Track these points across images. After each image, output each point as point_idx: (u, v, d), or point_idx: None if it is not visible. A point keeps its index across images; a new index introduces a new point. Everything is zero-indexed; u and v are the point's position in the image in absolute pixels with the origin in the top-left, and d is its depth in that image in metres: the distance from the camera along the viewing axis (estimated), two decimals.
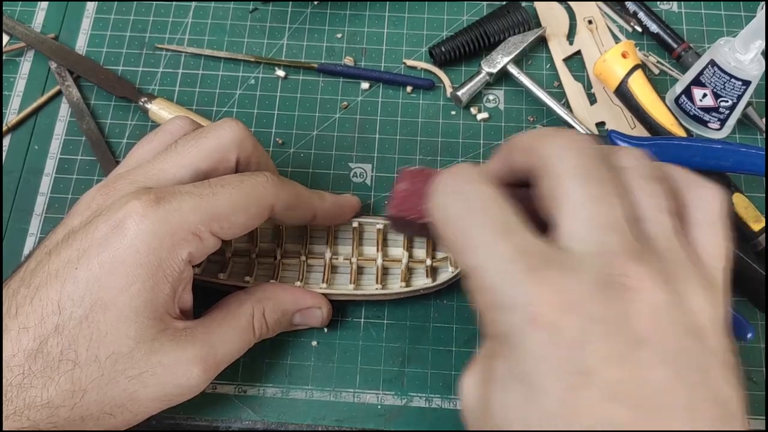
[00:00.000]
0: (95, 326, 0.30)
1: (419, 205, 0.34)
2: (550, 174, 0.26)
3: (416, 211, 0.34)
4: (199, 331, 0.34)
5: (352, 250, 0.41)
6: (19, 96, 0.48)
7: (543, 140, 0.28)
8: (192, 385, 0.33)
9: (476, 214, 0.26)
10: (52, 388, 0.30)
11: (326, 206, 0.39)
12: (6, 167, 0.46)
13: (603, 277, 0.23)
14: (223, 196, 0.33)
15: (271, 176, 0.35)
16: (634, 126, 0.46)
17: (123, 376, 0.31)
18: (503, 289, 0.24)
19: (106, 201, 0.33)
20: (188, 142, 0.35)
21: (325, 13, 0.51)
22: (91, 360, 0.30)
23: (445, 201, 0.27)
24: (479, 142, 0.46)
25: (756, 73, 0.42)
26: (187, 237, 0.32)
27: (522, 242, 0.25)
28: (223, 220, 0.33)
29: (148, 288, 0.31)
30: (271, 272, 0.41)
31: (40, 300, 0.31)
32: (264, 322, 0.37)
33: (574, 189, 0.25)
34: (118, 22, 0.50)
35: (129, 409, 0.32)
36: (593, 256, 0.24)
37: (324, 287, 0.40)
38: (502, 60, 0.47)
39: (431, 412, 0.39)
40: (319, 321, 0.39)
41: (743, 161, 0.41)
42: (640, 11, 0.49)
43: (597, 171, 0.26)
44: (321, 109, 0.48)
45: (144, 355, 0.31)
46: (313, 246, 0.42)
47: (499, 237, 0.25)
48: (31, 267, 0.32)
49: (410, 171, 0.35)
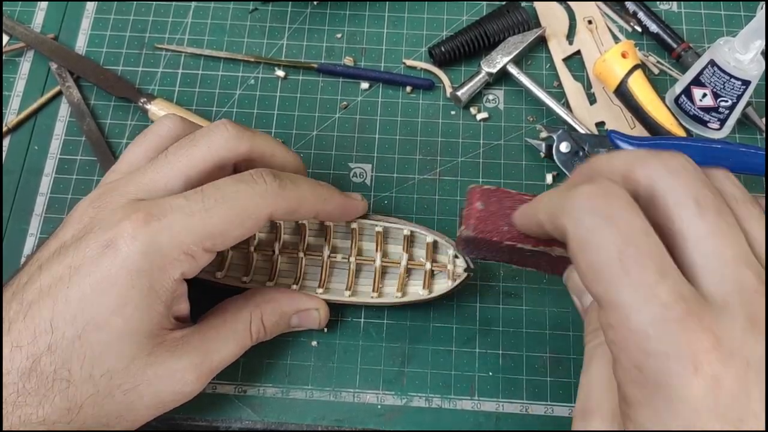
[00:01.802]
0: (88, 346, 0.30)
1: (503, 227, 0.33)
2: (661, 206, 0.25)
3: (499, 234, 0.33)
4: (194, 339, 0.34)
5: (351, 248, 0.41)
6: (19, 96, 0.48)
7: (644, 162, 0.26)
8: (186, 392, 0.33)
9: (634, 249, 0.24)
10: (47, 406, 0.30)
11: (329, 209, 0.37)
12: (6, 167, 0.46)
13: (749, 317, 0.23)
14: (216, 212, 0.32)
15: (272, 182, 0.33)
16: (633, 126, 0.46)
17: (118, 390, 0.31)
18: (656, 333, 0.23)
19: (97, 215, 0.32)
20: (179, 150, 0.34)
21: (324, 13, 0.51)
22: (86, 378, 0.30)
23: (594, 224, 0.25)
24: (479, 142, 0.46)
25: (756, 73, 0.42)
26: (179, 257, 0.31)
27: (678, 285, 0.23)
28: (216, 237, 0.32)
29: (141, 308, 0.31)
30: (268, 268, 0.41)
31: (33, 318, 0.30)
32: (262, 326, 0.37)
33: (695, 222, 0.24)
34: (118, 22, 0.50)
35: (126, 419, 0.32)
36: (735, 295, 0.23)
37: (320, 292, 0.40)
38: (502, 60, 0.47)
39: (431, 412, 0.39)
40: (317, 323, 0.39)
41: (743, 161, 0.41)
42: (639, 11, 0.49)
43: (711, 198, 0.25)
44: (321, 109, 0.48)
45: (139, 369, 0.31)
46: (312, 243, 0.41)
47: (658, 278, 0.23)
48: (23, 281, 0.32)
49: (483, 189, 0.34)
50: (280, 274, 0.41)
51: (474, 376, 0.40)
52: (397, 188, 0.45)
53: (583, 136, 0.45)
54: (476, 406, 0.39)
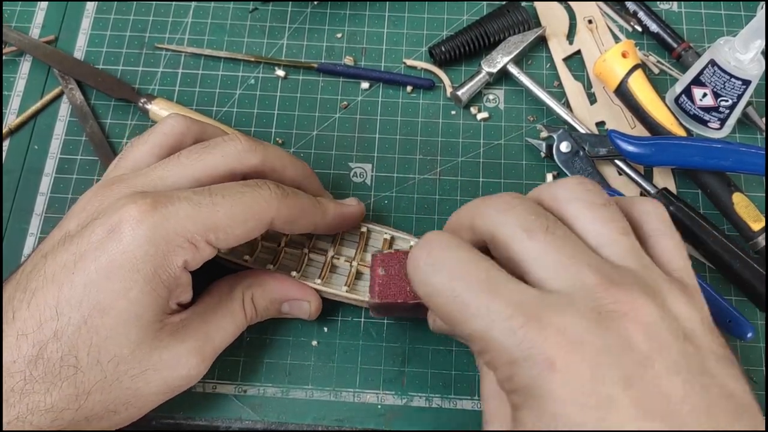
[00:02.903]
0: (94, 331, 0.30)
1: (403, 288, 0.35)
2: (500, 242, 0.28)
3: (402, 294, 0.35)
4: (194, 321, 0.34)
5: (355, 254, 0.41)
6: (19, 96, 0.48)
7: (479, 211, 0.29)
8: (192, 375, 0.34)
9: (460, 279, 0.27)
10: (55, 393, 0.30)
11: (328, 220, 0.38)
12: (6, 167, 0.46)
13: (595, 309, 0.25)
14: (222, 207, 0.32)
15: (275, 189, 0.34)
16: (634, 126, 0.46)
17: (126, 375, 0.31)
18: (511, 345, 0.25)
19: (102, 204, 0.33)
20: (191, 154, 0.34)
21: (324, 12, 0.51)
22: (93, 364, 0.31)
23: (426, 275, 0.28)
24: (479, 141, 0.46)
25: (756, 72, 0.42)
26: (183, 244, 0.31)
27: (512, 294, 0.26)
28: (219, 231, 0.32)
29: (146, 292, 0.31)
30: (272, 257, 0.41)
31: (38, 305, 0.30)
32: (253, 307, 0.37)
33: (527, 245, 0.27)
34: (118, 22, 0.50)
35: (134, 405, 0.32)
36: (577, 292, 0.25)
37: (319, 283, 0.39)
38: (502, 60, 0.47)
39: (431, 412, 0.39)
40: (307, 314, 0.39)
41: (743, 161, 0.41)
42: (640, 11, 0.49)
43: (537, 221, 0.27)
44: (321, 109, 0.48)
45: (145, 354, 0.32)
46: (319, 241, 0.41)
47: (489, 296, 0.26)
48: (27, 270, 0.32)
49: (383, 255, 0.36)
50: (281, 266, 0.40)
51: (474, 376, 0.40)
52: (398, 188, 0.45)
53: (584, 135, 0.45)
54: (476, 406, 0.39)
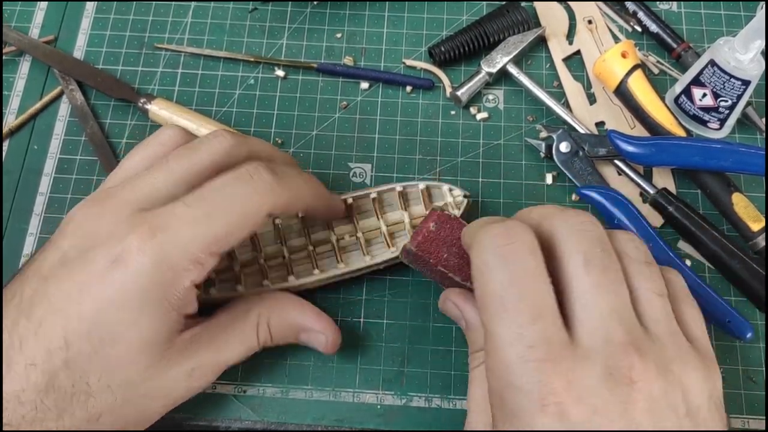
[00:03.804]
0: (105, 360, 0.31)
1: (443, 253, 0.35)
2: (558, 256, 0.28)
3: (437, 258, 0.35)
4: (204, 337, 0.34)
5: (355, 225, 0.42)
6: (19, 96, 0.48)
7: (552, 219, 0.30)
8: (195, 388, 0.34)
9: (517, 288, 0.27)
10: (66, 419, 0.30)
11: (319, 204, 0.38)
12: (6, 167, 0.46)
13: (608, 369, 0.25)
14: (218, 218, 0.32)
15: (267, 176, 0.34)
16: (633, 126, 0.46)
17: (136, 395, 0.32)
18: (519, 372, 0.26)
19: (99, 226, 0.32)
20: (180, 157, 0.34)
21: (324, 12, 0.51)
22: (104, 388, 0.31)
23: (493, 261, 0.28)
24: (479, 141, 0.46)
25: (756, 72, 0.42)
26: (188, 266, 0.31)
27: (547, 330, 0.26)
28: (221, 241, 0.32)
29: (156, 319, 0.31)
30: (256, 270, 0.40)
31: (45, 335, 0.30)
32: (268, 332, 0.37)
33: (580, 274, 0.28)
34: (118, 22, 0.50)
35: (141, 423, 0.33)
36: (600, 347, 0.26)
37: (342, 267, 0.40)
38: (502, 60, 0.47)
39: (431, 412, 0.39)
40: (323, 346, 0.38)
41: (743, 161, 0.41)
42: (639, 11, 0.49)
43: (600, 258, 0.28)
44: (320, 109, 0.48)
45: (155, 375, 0.32)
46: (315, 234, 0.42)
47: (530, 320, 0.27)
48: (26, 294, 0.31)
49: (442, 214, 0.36)
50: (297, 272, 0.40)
51: None
52: None
53: (583, 136, 0.45)
54: None
